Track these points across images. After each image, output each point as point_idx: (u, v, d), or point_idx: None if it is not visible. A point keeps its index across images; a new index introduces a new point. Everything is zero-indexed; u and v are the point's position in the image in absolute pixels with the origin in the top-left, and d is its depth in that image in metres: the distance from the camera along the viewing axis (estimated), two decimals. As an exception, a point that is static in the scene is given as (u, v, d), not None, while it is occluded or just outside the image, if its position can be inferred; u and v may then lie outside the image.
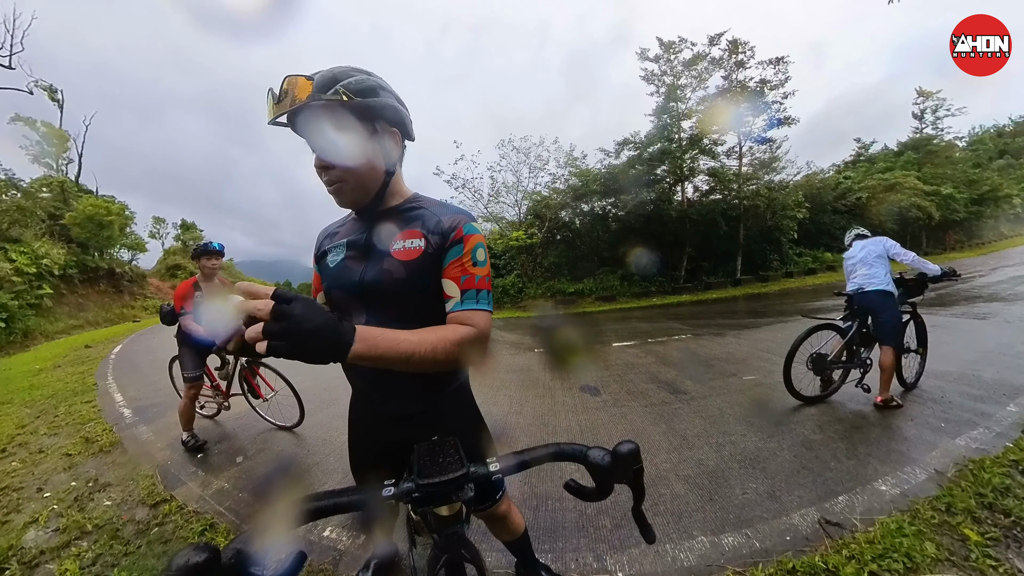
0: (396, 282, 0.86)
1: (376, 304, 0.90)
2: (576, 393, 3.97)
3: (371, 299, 0.90)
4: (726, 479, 2.26)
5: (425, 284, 0.88)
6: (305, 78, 0.75)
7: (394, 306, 0.89)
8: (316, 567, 1.76)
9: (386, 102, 0.83)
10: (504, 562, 1.65)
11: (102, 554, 1.95)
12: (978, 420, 2.74)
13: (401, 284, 0.86)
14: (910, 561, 1.57)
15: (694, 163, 16.13)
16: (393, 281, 0.86)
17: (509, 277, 16.30)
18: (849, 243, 3.44)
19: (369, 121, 0.82)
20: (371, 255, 0.91)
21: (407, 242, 0.87)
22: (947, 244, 26.64)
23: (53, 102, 22.18)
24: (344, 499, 0.58)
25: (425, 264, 0.86)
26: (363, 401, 1.06)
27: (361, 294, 0.90)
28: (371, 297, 0.89)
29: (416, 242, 0.87)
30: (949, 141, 28.26)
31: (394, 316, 0.87)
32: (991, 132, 33.46)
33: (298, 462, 2.82)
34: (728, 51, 15.64)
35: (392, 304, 0.89)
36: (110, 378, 5.85)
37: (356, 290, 0.90)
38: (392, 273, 0.86)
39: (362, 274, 0.89)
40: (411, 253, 0.87)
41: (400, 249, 0.88)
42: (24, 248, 13.88)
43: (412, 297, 0.88)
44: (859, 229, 3.51)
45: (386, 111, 0.84)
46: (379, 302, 0.89)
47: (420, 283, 0.87)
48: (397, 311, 0.89)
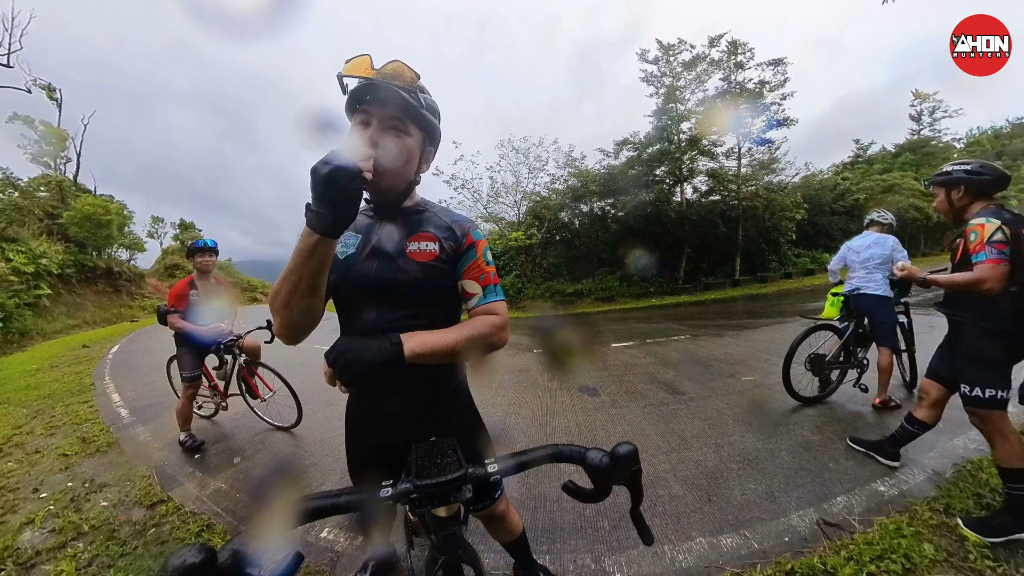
0: (412, 281, 0.92)
1: (388, 300, 0.93)
2: (575, 394, 3.96)
3: (384, 295, 0.92)
4: (724, 480, 2.27)
5: (438, 284, 0.94)
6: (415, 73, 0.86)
7: (406, 303, 0.93)
8: (313, 568, 1.75)
9: (439, 127, 0.95)
10: (502, 563, 1.65)
11: (98, 555, 1.94)
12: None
13: (417, 283, 0.92)
14: (908, 562, 1.57)
15: (693, 164, 16.15)
16: (409, 280, 0.92)
17: (508, 278, 16.29)
18: (867, 224, 3.31)
19: (427, 134, 0.93)
20: (385, 253, 0.94)
21: (422, 244, 0.94)
22: (945, 245, 26.74)
23: (51, 101, 22.11)
24: (342, 500, 0.58)
25: (439, 266, 0.93)
26: (362, 400, 1.06)
27: (376, 290, 0.92)
28: (384, 293, 0.92)
29: (431, 245, 0.94)
30: (947, 143, 28.39)
31: (404, 312, 0.92)
32: (988, 134, 33.59)
33: (296, 463, 2.81)
34: (728, 52, 15.68)
35: (405, 301, 0.93)
36: (107, 378, 5.82)
37: (371, 285, 0.92)
38: (409, 272, 0.92)
39: (377, 271, 0.92)
40: (426, 255, 0.93)
41: (416, 250, 0.93)
42: (22, 247, 13.83)
43: (426, 295, 0.94)
44: (877, 214, 3.29)
45: (436, 135, 0.96)
46: (391, 298, 0.93)
47: (434, 283, 0.94)
48: (408, 308, 0.93)
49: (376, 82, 0.81)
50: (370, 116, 0.83)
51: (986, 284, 1.64)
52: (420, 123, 0.88)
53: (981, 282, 1.65)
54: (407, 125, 0.86)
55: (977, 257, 1.68)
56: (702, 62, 15.80)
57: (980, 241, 1.69)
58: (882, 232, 3.20)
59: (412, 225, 0.96)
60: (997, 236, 1.65)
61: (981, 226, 1.71)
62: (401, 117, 0.85)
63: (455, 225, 0.97)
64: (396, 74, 0.83)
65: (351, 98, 0.86)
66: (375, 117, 0.83)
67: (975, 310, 1.78)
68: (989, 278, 1.63)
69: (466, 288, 0.95)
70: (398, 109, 0.84)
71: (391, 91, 0.81)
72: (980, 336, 1.77)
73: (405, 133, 0.86)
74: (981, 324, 1.76)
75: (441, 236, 0.95)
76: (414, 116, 0.86)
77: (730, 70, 15.89)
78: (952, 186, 1.86)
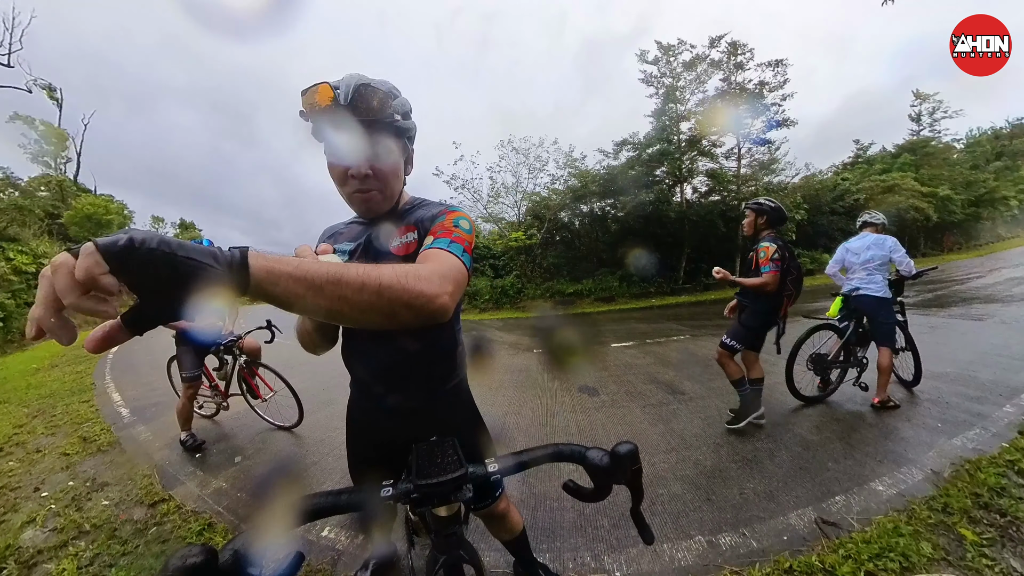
0: None
1: None
2: (575, 394, 3.97)
3: None
4: (724, 479, 2.27)
5: None
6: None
7: None
8: (314, 567, 1.76)
9: (414, 123, 0.90)
10: (502, 562, 1.66)
11: (100, 554, 1.94)
12: (974, 421, 2.75)
13: None
14: (906, 561, 1.57)
15: (693, 164, 16.15)
16: None
17: (508, 278, 16.29)
18: (860, 226, 3.31)
19: (405, 139, 0.90)
20: (373, 255, 0.94)
21: (404, 237, 0.92)
22: (944, 246, 26.73)
23: (52, 101, 22.10)
24: (342, 499, 0.58)
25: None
26: (363, 397, 1.07)
27: None
28: None
29: (411, 235, 0.91)
30: (946, 143, 28.34)
31: None
32: (988, 135, 33.55)
33: (297, 462, 2.81)
34: (727, 53, 15.66)
35: None
36: (108, 378, 5.82)
37: None
38: None
39: None
40: (408, 247, 0.91)
41: (399, 245, 0.91)
42: (22, 247, 13.83)
43: None
44: (868, 215, 3.31)
45: (412, 131, 0.91)
46: None
47: None
48: None
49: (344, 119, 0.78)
50: None
51: (768, 287, 2.59)
52: (398, 133, 0.87)
53: (765, 284, 2.58)
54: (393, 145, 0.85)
55: (764, 268, 2.59)
56: (702, 63, 15.79)
57: (766, 258, 2.59)
58: (877, 232, 3.20)
59: (399, 222, 0.95)
60: (776, 255, 2.58)
61: (767, 247, 2.62)
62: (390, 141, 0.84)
63: (435, 209, 0.94)
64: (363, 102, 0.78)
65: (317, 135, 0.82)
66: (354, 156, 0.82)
67: (754, 299, 2.75)
68: (770, 283, 2.58)
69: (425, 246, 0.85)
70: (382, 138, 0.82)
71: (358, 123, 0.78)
72: (753, 313, 2.77)
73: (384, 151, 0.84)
74: (755, 307, 2.76)
75: (420, 224, 0.92)
76: (396, 134, 0.86)
77: (730, 71, 15.87)
78: (760, 214, 2.75)
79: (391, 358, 0.98)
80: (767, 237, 2.68)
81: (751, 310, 2.77)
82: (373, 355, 1.00)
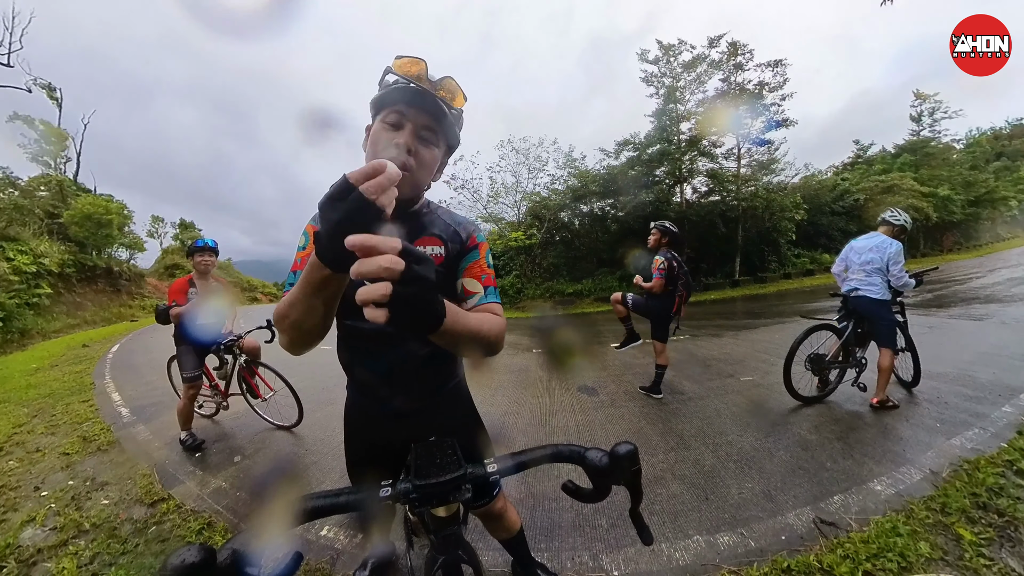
0: None
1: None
2: (574, 393, 3.97)
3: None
4: (722, 479, 2.27)
5: (444, 289, 0.94)
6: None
7: None
8: (313, 567, 1.76)
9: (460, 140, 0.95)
10: (501, 561, 1.66)
11: (99, 552, 1.94)
12: (973, 420, 2.76)
13: None
14: (904, 560, 1.58)
15: (693, 164, 16.17)
16: None
17: (508, 278, 16.31)
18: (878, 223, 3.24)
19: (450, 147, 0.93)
20: None
21: (428, 248, 0.93)
22: (944, 246, 26.75)
23: (52, 100, 22.07)
24: (341, 499, 0.58)
25: (444, 269, 0.94)
26: (364, 399, 1.07)
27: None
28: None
29: (437, 249, 0.94)
30: (946, 143, 28.34)
31: None
32: (988, 135, 33.57)
33: (296, 462, 2.82)
34: (727, 53, 15.67)
35: None
36: (107, 377, 5.82)
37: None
38: None
39: None
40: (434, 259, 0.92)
41: None
42: (22, 247, 13.82)
43: None
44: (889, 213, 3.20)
45: (456, 143, 0.94)
46: None
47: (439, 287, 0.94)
48: None
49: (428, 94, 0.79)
50: (404, 120, 0.81)
51: (655, 289, 3.43)
52: (449, 137, 0.89)
53: (653, 287, 3.44)
54: (437, 138, 0.86)
55: (654, 275, 3.42)
56: (702, 63, 15.80)
57: (656, 267, 3.42)
58: (891, 235, 3.12)
59: (417, 228, 0.95)
60: (663, 265, 3.38)
61: (657, 260, 3.44)
62: (436, 130, 0.84)
63: (459, 228, 0.97)
64: (450, 94, 0.84)
65: (389, 95, 0.81)
66: (410, 123, 0.81)
67: (656, 299, 3.51)
68: (656, 287, 3.42)
69: (466, 286, 0.94)
70: (438, 124, 0.83)
71: (440, 109, 0.80)
72: (659, 311, 3.54)
73: (434, 145, 0.85)
74: (658, 306, 3.52)
75: (446, 239, 0.95)
76: (447, 132, 0.87)
77: (730, 71, 15.89)
78: (664, 235, 3.50)
79: (396, 361, 0.98)
80: (662, 252, 3.46)
81: (657, 309, 3.55)
82: (378, 358, 1.00)
